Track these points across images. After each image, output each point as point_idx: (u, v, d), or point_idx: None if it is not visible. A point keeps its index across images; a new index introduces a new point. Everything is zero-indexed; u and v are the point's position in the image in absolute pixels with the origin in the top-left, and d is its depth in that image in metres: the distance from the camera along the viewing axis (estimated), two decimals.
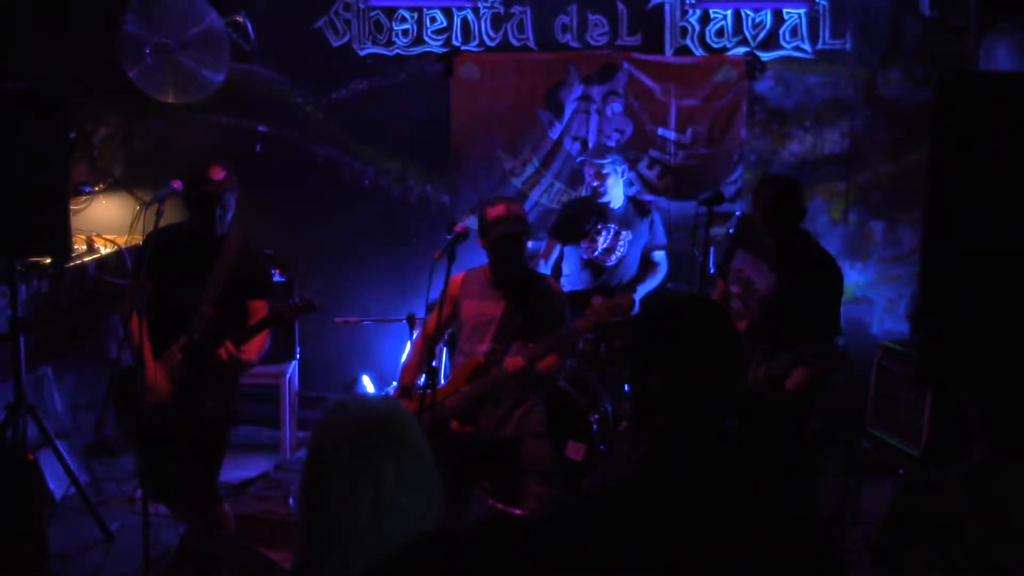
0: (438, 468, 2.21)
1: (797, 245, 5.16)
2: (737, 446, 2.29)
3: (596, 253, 6.66)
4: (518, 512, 5.26)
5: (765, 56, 7.32)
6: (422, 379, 5.16)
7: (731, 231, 6.37)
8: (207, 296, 4.86)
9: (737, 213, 6.70)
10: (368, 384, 7.40)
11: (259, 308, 4.97)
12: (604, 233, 6.64)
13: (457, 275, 5.43)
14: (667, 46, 7.40)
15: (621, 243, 6.64)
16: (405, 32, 7.51)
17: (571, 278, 6.75)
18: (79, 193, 7.36)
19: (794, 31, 7.30)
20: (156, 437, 4.86)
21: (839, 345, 4.96)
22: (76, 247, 6.54)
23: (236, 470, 6.55)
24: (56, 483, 6.11)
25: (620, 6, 7.38)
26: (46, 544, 5.18)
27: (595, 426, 5.86)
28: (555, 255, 6.81)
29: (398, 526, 2.11)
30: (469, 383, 5.22)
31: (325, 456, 2.14)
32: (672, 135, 7.42)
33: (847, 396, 6.42)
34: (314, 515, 2.14)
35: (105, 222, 7.43)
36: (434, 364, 5.53)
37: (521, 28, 7.46)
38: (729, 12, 7.34)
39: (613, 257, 6.63)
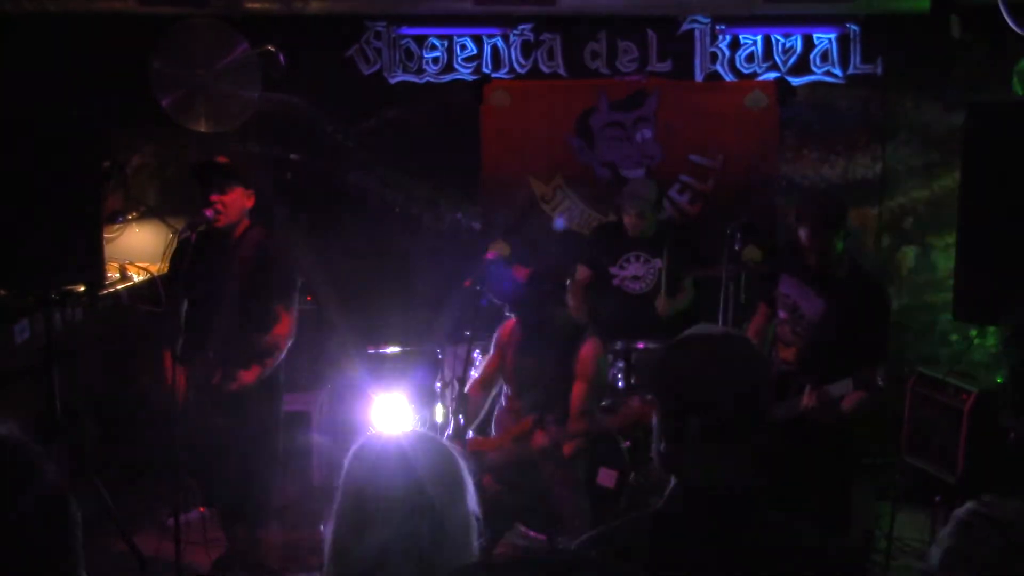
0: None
1: (842, 268, 5.11)
2: (771, 480, 2.28)
3: (623, 281, 6.64)
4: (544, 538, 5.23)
5: (796, 81, 7.32)
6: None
7: (737, 232, 6.27)
8: (223, 308, 4.89)
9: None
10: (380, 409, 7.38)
11: (280, 312, 4.98)
12: (634, 261, 6.63)
13: (508, 322, 5.42)
14: (697, 72, 7.41)
15: (650, 272, 6.62)
16: (435, 60, 7.54)
17: (600, 302, 6.73)
18: (113, 221, 7.41)
19: (824, 56, 7.30)
20: (200, 443, 4.95)
21: (879, 379, 4.91)
22: (109, 275, 6.58)
23: None
24: (89, 510, 6.12)
25: (650, 32, 7.40)
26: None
27: (627, 453, 5.82)
28: (585, 281, 6.79)
29: (436, 526, 2.11)
30: (514, 443, 5.19)
31: (365, 504, 2.13)
32: (703, 161, 7.42)
33: (881, 423, 6.36)
34: (342, 556, 2.15)
35: (138, 250, 7.47)
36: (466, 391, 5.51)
37: (551, 55, 7.48)
38: (759, 38, 7.34)
39: (640, 285, 6.60)
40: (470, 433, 5.20)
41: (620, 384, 6.40)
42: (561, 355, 5.17)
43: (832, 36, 7.28)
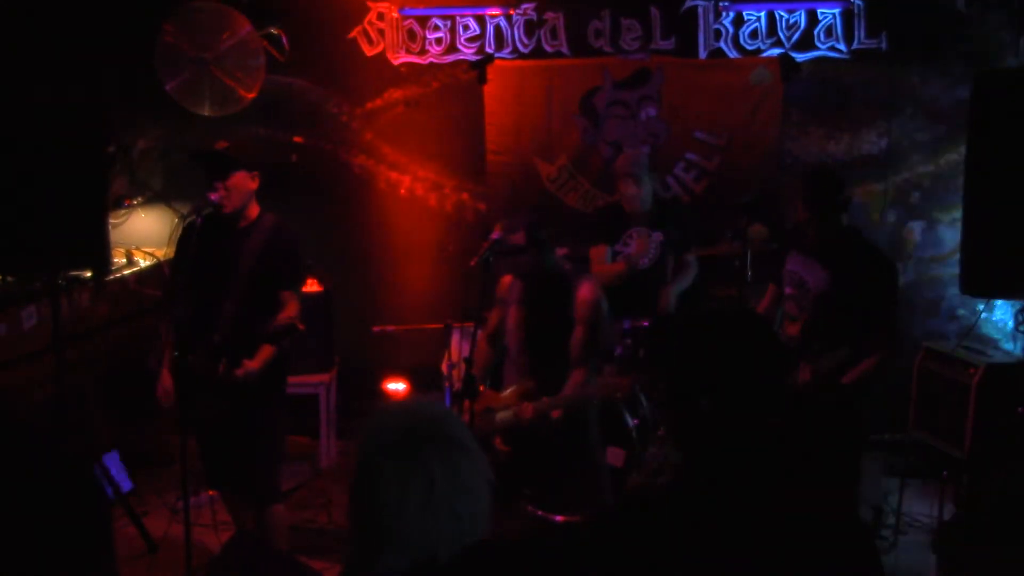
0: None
1: (845, 240, 5.11)
2: (781, 456, 2.28)
3: (628, 256, 6.62)
4: (558, 519, 5.24)
5: (800, 57, 7.28)
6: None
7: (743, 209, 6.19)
8: (231, 293, 4.89)
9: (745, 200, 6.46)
10: (397, 388, 7.38)
11: (288, 298, 4.98)
12: (636, 236, 6.60)
13: (506, 276, 5.45)
14: (701, 49, 7.38)
15: (652, 245, 6.59)
16: (438, 40, 7.53)
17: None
18: (118, 206, 7.41)
19: (829, 31, 7.26)
20: (205, 427, 5.04)
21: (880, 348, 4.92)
22: (115, 260, 6.58)
23: None
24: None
25: (653, 10, 7.37)
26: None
27: (635, 432, 5.83)
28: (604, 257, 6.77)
29: (447, 528, 2.12)
30: (519, 402, 5.22)
31: (374, 459, 2.15)
32: (708, 138, 7.40)
33: (889, 398, 6.36)
34: (363, 518, 2.16)
35: (144, 235, 7.47)
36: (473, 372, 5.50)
37: (554, 34, 7.46)
38: (763, 13, 7.31)
39: (645, 260, 6.58)
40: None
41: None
42: (558, 304, 5.21)
43: (836, 11, 7.24)
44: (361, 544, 2.16)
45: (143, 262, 7.01)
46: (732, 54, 7.36)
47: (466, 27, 7.50)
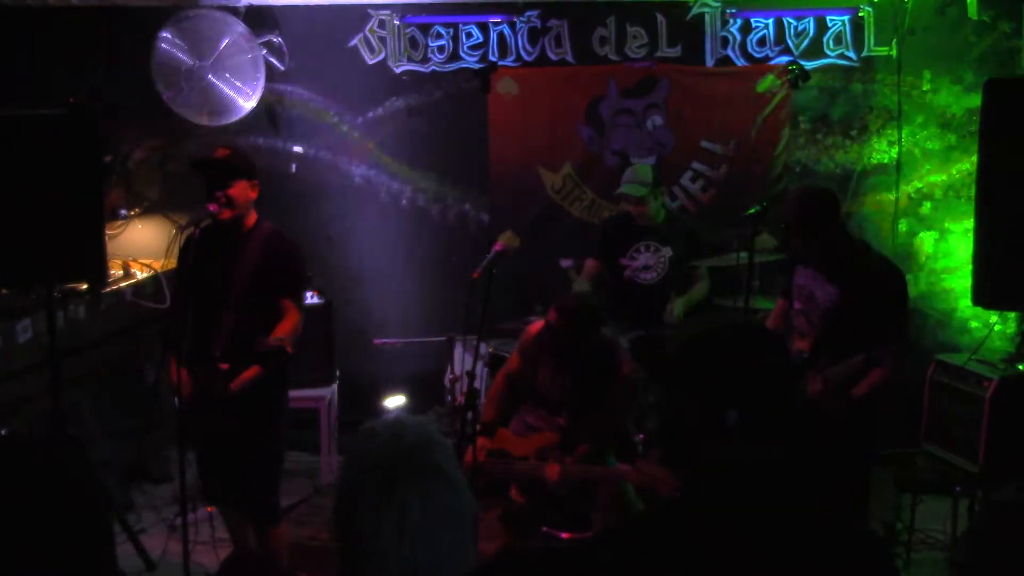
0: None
1: (852, 254, 5.02)
2: (793, 469, 2.21)
3: (634, 272, 6.53)
4: (563, 535, 5.16)
5: (809, 65, 7.21)
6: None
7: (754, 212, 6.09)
8: (231, 302, 4.82)
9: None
10: (398, 402, 7.32)
11: (288, 307, 4.90)
12: (643, 251, 6.52)
13: (533, 327, 5.40)
14: (708, 57, 7.33)
15: (660, 261, 6.51)
16: (441, 49, 7.45)
17: (611, 294, 6.63)
18: (115, 217, 7.34)
19: (838, 39, 7.20)
20: (204, 442, 5.02)
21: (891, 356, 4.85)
22: (112, 272, 6.51)
23: None
24: None
25: (659, 17, 7.31)
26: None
27: (641, 447, 5.76)
28: (595, 273, 6.69)
29: (425, 555, 2.09)
30: (538, 456, 5.16)
31: (353, 483, 2.15)
32: (715, 147, 7.32)
33: (901, 410, 6.27)
34: (344, 539, 2.15)
35: (141, 246, 7.40)
36: (476, 385, 5.42)
37: (559, 42, 7.39)
38: (771, 21, 7.25)
39: (651, 275, 6.49)
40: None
41: None
42: (602, 375, 5.16)
43: (845, 18, 7.19)
44: (344, 563, 2.15)
45: (140, 274, 6.93)
46: (740, 62, 7.31)
47: (469, 35, 7.43)
